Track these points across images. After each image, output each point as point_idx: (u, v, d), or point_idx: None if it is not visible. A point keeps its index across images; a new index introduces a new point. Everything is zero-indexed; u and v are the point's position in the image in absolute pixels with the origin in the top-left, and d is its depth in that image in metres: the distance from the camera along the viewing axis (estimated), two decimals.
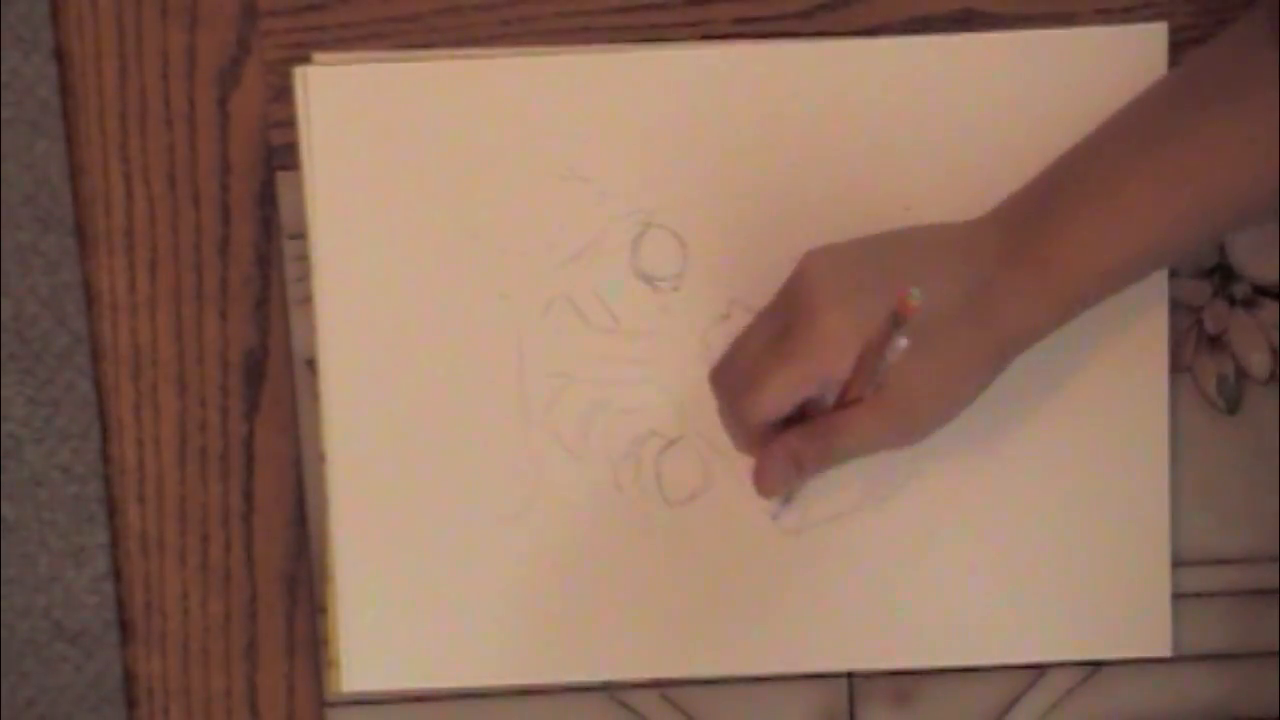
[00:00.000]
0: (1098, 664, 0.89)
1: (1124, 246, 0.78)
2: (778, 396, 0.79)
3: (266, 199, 0.87)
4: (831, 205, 0.85)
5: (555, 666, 0.88)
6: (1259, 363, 0.88)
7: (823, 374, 0.78)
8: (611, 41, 0.86)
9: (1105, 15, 0.85)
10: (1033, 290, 0.78)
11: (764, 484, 0.81)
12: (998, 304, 0.78)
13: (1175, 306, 0.87)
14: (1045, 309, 0.79)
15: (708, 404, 0.86)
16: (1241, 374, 0.88)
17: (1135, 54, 0.84)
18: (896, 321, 0.71)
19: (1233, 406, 0.88)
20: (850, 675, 0.89)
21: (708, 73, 0.85)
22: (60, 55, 0.86)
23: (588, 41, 0.86)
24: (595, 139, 0.85)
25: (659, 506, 0.87)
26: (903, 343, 0.73)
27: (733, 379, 0.81)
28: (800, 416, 0.81)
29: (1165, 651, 0.88)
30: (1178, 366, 0.87)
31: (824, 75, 0.85)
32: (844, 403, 0.79)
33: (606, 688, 0.88)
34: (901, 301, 0.70)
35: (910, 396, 0.78)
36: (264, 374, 0.88)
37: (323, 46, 0.86)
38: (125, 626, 0.89)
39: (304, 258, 0.86)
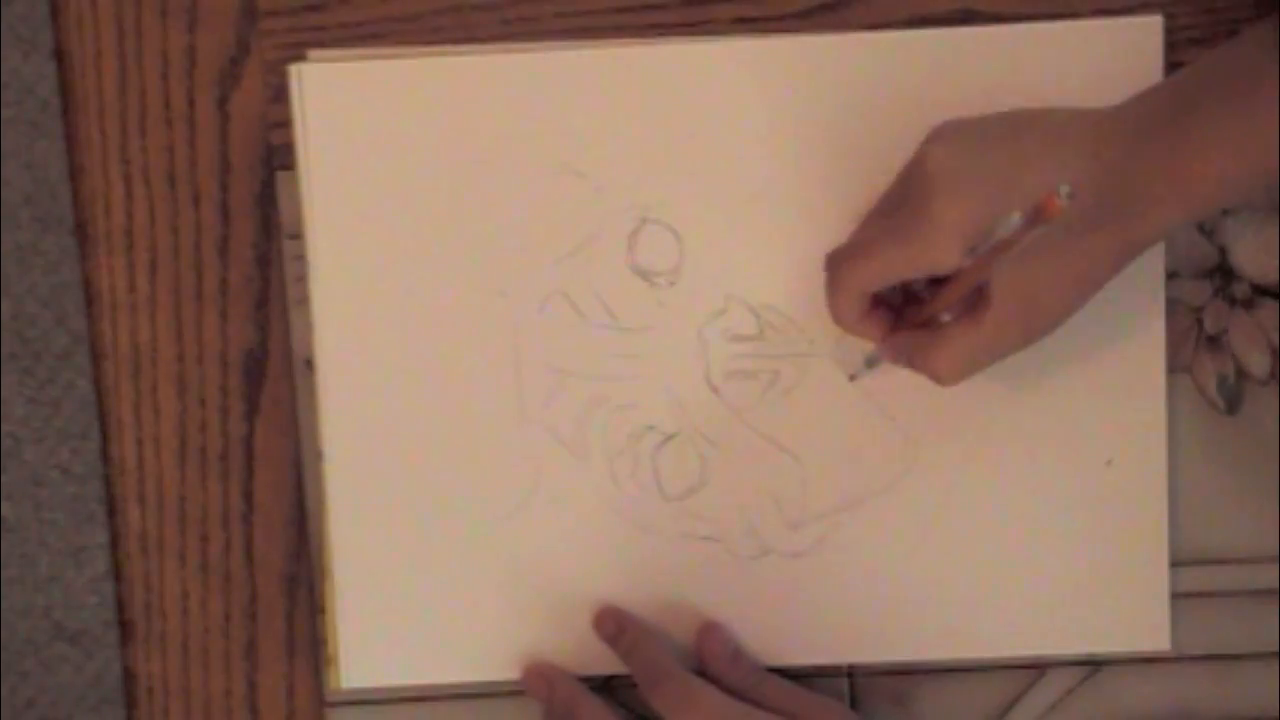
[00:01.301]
0: (1098, 664, 0.88)
1: (1260, 154, 0.75)
2: (877, 272, 0.78)
3: (266, 199, 0.87)
4: (829, 200, 0.85)
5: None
6: (1259, 363, 0.88)
7: (929, 262, 0.76)
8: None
9: (1105, 15, 0.85)
10: (1165, 193, 0.76)
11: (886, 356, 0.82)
12: (1129, 205, 0.76)
13: (1175, 306, 0.87)
14: (1177, 212, 0.77)
15: (705, 399, 0.86)
16: (1241, 374, 0.88)
17: (1131, 46, 0.84)
18: (1037, 220, 0.68)
19: (1232, 406, 0.88)
20: (850, 675, 0.88)
21: (704, 68, 0.85)
22: (60, 55, 0.86)
23: (587, 41, 0.86)
24: (591, 135, 0.85)
25: (656, 501, 0.87)
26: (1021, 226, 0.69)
27: (840, 248, 0.80)
28: (906, 297, 0.80)
29: (1164, 647, 0.88)
30: (1177, 366, 0.87)
31: (821, 70, 0.85)
32: (951, 294, 0.77)
33: (606, 685, 0.88)
34: (1049, 201, 0.66)
35: (1028, 297, 0.77)
36: (264, 374, 0.88)
37: (322, 46, 0.86)
38: (125, 626, 0.89)
39: (304, 257, 0.86)
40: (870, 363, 0.85)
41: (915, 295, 0.82)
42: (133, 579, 0.89)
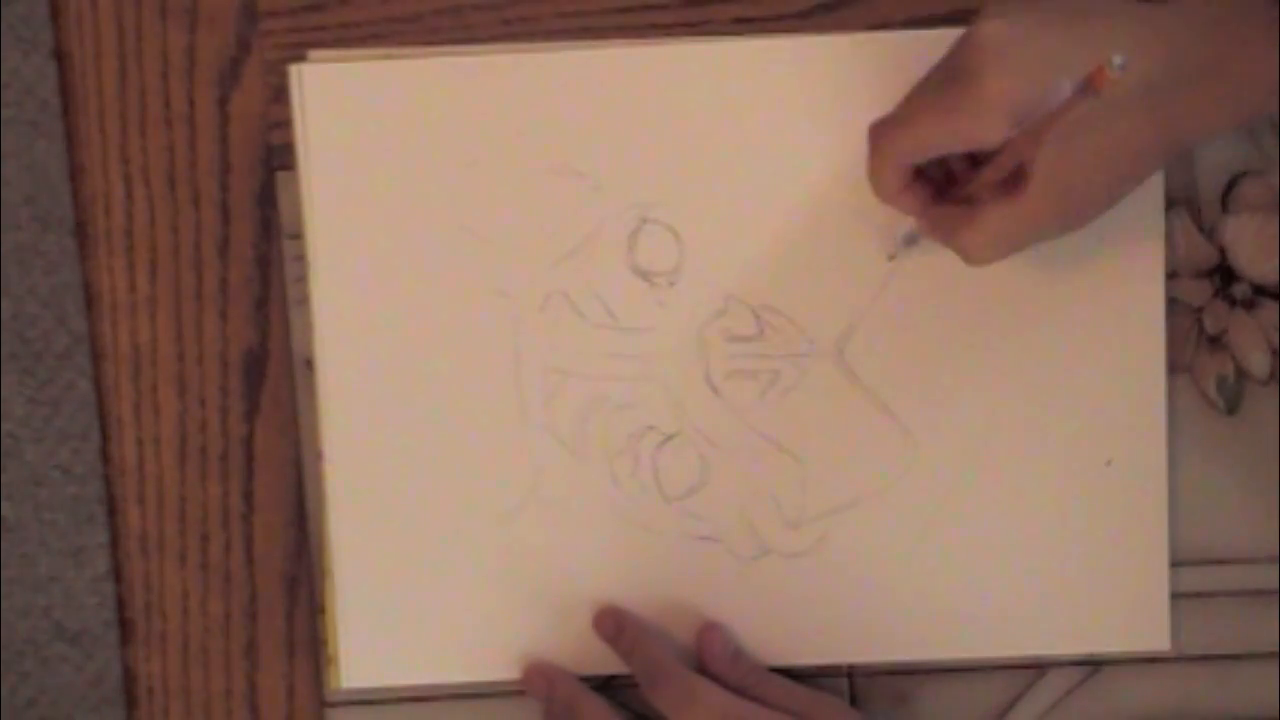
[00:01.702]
0: (1098, 664, 0.88)
1: None
2: (922, 142, 0.77)
3: (266, 199, 0.87)
4: (829, 199, 0.85)
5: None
6: (1259, 363, 0.88)
7: (975, 136, 0.75)
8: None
9: None
10: (1216, 93, 0.76)
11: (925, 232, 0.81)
12: (1178, 99, 0.76)
13: (1175, 306, 0.87)
14: (1225, 109, 0.77)
15: (705, 399, 0.86)
16: (1241, 374, 0.88)
17: None
18: (1088, 90, 0.67)
19: (1232, 406, 0.88)
20: (850, 675, 0.89)
21: (704, 68, 0.85)
22: (60, 55, 0.86)
23: (587, 41, 0.86)
24: (591, 135, 0.85)
25: (656, 501, 0.87)
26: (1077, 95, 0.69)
27: (886, 117, 0.79)
28: (946, 177, 0.80)
29: (1164, 647, 0.88)
30: (1177, 366, 0.87)
31: (821, 70, 0.85)
32: (994, 170, 0.77)
33: (606, 684, 0.88)
34: (1100, 71, 0.66)
35: (1068, 180, 0.76)
36: (264, 374, 0.88)
37: (322, 47, 0.86)
38: (125, 626, 0.89)
39: (304, 257, 0.86)
40: (908, 241, 0.84)
41: (955, 175, 0.81)
42: (133, 579, 0.89)
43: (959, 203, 0.80)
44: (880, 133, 0.79)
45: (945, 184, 0.81)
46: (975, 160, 0.78)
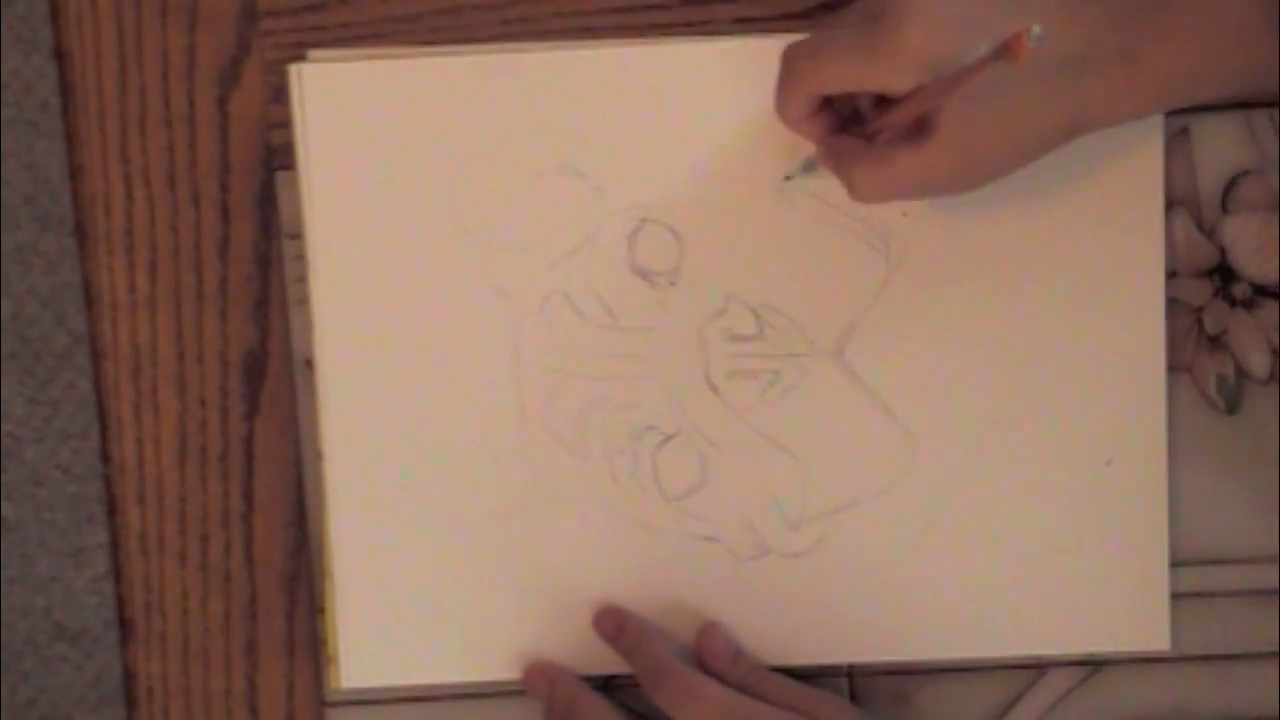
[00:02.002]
0: (1098, 664, 0.88)
1: (1218, 56, 0.77)
2: (834, 77, 0.78)
3: (266, 199, 0.87)
4: (829, 200, 0.85)
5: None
6: (1259, 363, 0.88)
7: (887, 80, 0.76)
8: None
9: None
10: (1125, 76, 0.77)
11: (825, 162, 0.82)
12: (1088, 79, 0.77)
13: (1175, 306, 0.87)
14: (1132, 99, 0.78)
15: (705, 399, 0.86)
16: (1241, 374, 0.88)
17: None
18: (1003, 56, 0.68)
19: (1233, 406, 0.88)
20: (850, 674, 0.89)
21: (704, 68, 0.85)
22: (60, 55, 0.86)
23: (588, 41, 0.86)
24: (591, 135, 0.85)
25: (656, 501, 0.87)
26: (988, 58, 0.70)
27: (801, 44, 0.80)
28: (851, 112, 0.81)
29: (1164, 647, 0.88)
30: (1177, 366, 0.87)
31: None
32: (899, 115, 0.77)
33: (606, 685, 0.88)
34: (1019, 39, 0.67)
35: (970, 139, 0.77)
36: (264, 374, 0.88)
37: (322, 46, 0.86)
38: (125, 626, 0.89)
39: (303, 257, 0.87)
40: (807, 167, 0.85)
41: (861, 113, 0.82)
42: (133, 579, 0.89)
43: (860, 138, 0.80)
44: (793, 59, 0.80)
45: (851, 118, 0.82)
46: (883, 101, 0.79)
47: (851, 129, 0.81)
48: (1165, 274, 0.86)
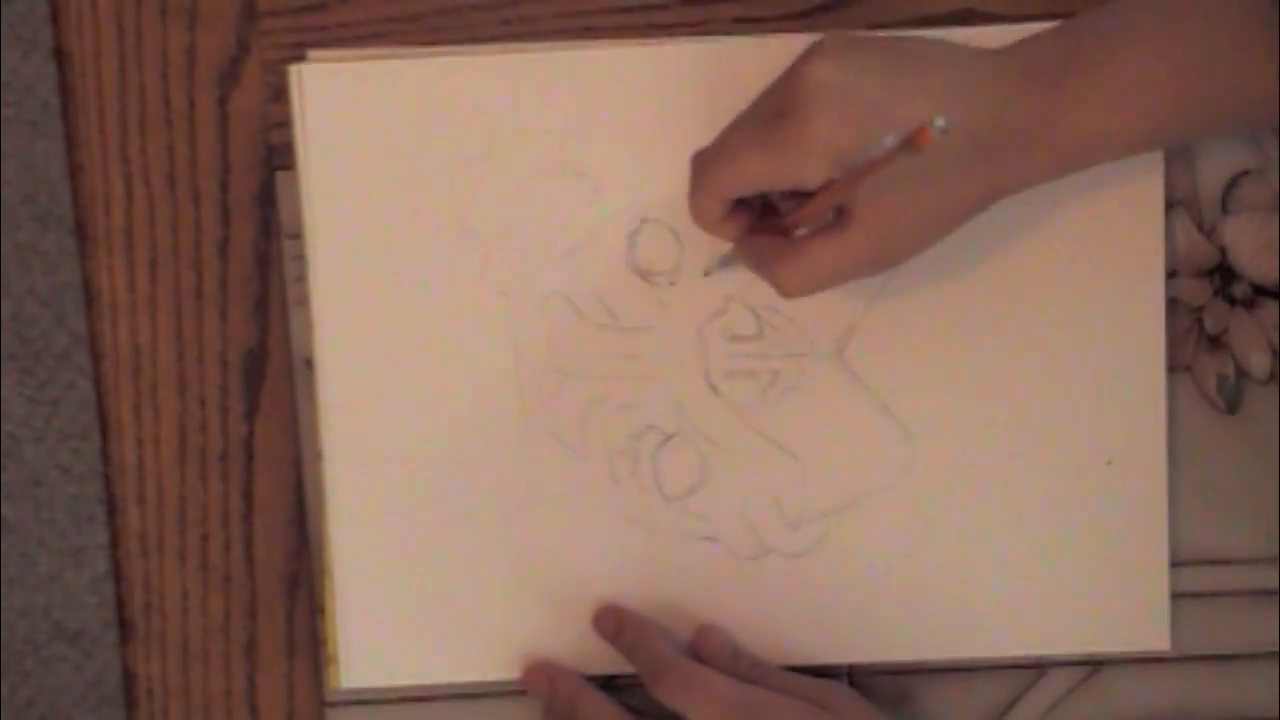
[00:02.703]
0: (1098, 663, 0.88)
1: (1133, 113, 0.77)
2: (744, 177, 0.78)
3: (266, 199, 0.87)
4: None
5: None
6: (1259, 363, 0.88)
7: (797, 176, 0.76)
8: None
9: None
10: (1036, 145, 0.78)
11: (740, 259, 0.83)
12: (999, 151, 0.78)
13: (1175, 306, 0.87)
14: (1045, 164, 0.79)
15: (705, 399, 0.86)
16: (1241, 374, 0.88)
17: None
18: (909, 147, 0.68)
19: (1233, 406, 0.88)
20: (850, 674, 0.88)
21: (703, 67, 0.85)
22: (60, 55, 0.86)
23: (587, 41, 0.86)
24: (590, 134, 0.85)
25: (656, 501, 0.87)
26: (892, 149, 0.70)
27: (709, 147, 0.80)
28: (762, 209, 0.81)
29: (1164, 647, 0.88)
30: (1177, 366, 0.87)
31: None
32: (812, 209, 0.78)
33: (607, 685, 0.88)
34: (923, 130, 0.67)
35: (888, 222, 0.77)
36: (263, 374, 0.88)
37: (322, 46, 0.86)
38: (125, 626, 0.89)
39: (303, 257, 0.86)
40: (724, 263, 0.85)
41: (773, 205, 0.82)
42: (133, 579, 0.89)
43: (777, 233, 0.80)
44: (703, 164, 0.80)
45: (764, 212, 0.82)
46: (795, 192, 0.79)
47: (767, 219, 0.82)
48: (1165, 274, 0.86)
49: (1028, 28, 0.82)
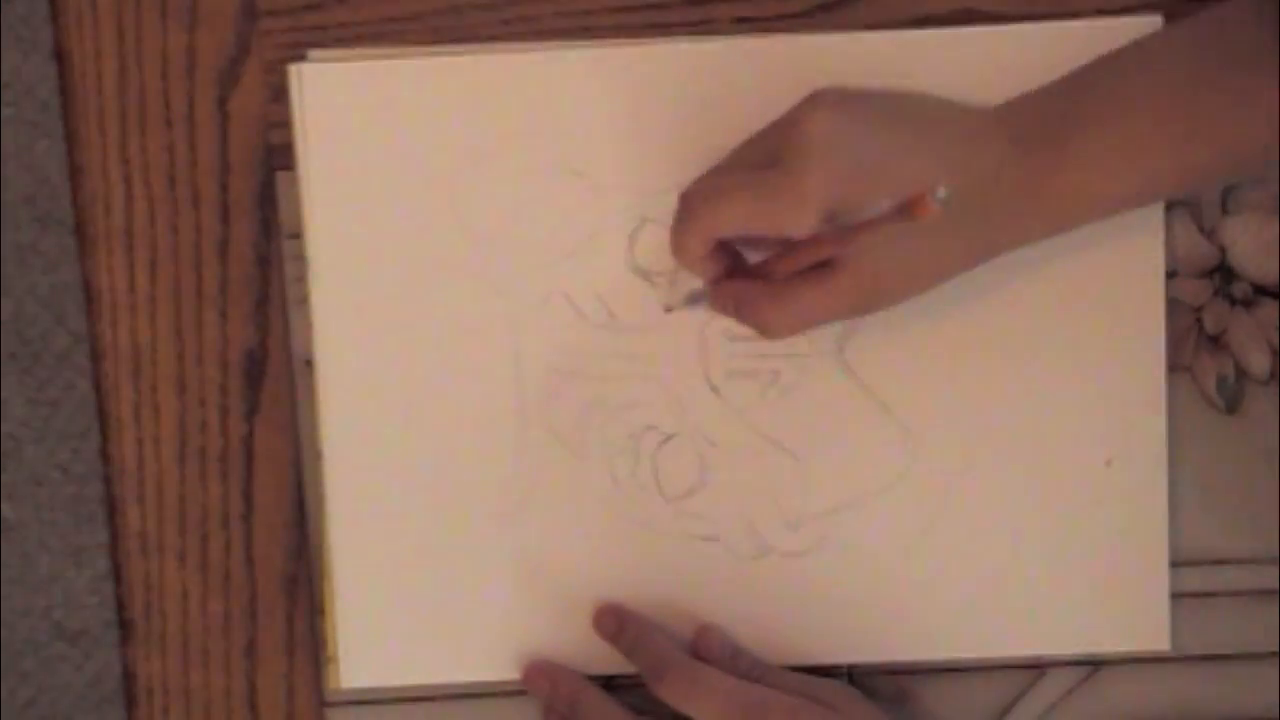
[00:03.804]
0: (1098, 664, 0.88)
1: (1124, 177, 0.78)
2: (733, 220, 0.78)
3: (266, 199, 0.87)
4: None
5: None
6: (1259, 362, 0.88)
7: (787, 225, 0.76)
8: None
9: (1104, 15, 0.85)
10: (1031, 207, 0.78)
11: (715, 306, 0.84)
12: (993, 211, 0.78)
13: (1175, 306, 0.87)
14: (1038, 224, 0.79)
15: (705, 399, 0.86)
16: (1241, 374, 0.88)
17: None
18: (906, 214, 0.68)
19: (1232, 406, 0.88)
20: (850, 674, 0.88)
21: (704, 67, 0.85)
22: (60, 55, 0.86)
23: (587, 41, 0.86)
24: (590, 134, 0.85)
25: (656, 501, 0.87)
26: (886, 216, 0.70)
27: (700, 186, 0.81)
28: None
29: (1164, 647, 0.88)
30: (1177, 366, 0.87)
31: (822, 69, 0.84)
32: (799, 259, 0.78)
33: (607, 685, 0.88)
34: (922, 199, 0.67)
35: (877, 273, 0.78)
36: (264, 374, 0.88)
37: (322, 46, 0.86)
38: (125, 626, 0.89)
39: (303, 257, 0.86)
40: (691, 301, 0.85)
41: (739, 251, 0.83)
42: (133, 579, 0.89)
43: (756, 276, 0.81)
44: (692, 201, 0.80)
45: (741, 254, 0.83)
46: (780, 239, 0.79)
47: (739, 262, 0.82)
48: (1165, 274, 0.86)
49: (1028, 28, 0.82)
